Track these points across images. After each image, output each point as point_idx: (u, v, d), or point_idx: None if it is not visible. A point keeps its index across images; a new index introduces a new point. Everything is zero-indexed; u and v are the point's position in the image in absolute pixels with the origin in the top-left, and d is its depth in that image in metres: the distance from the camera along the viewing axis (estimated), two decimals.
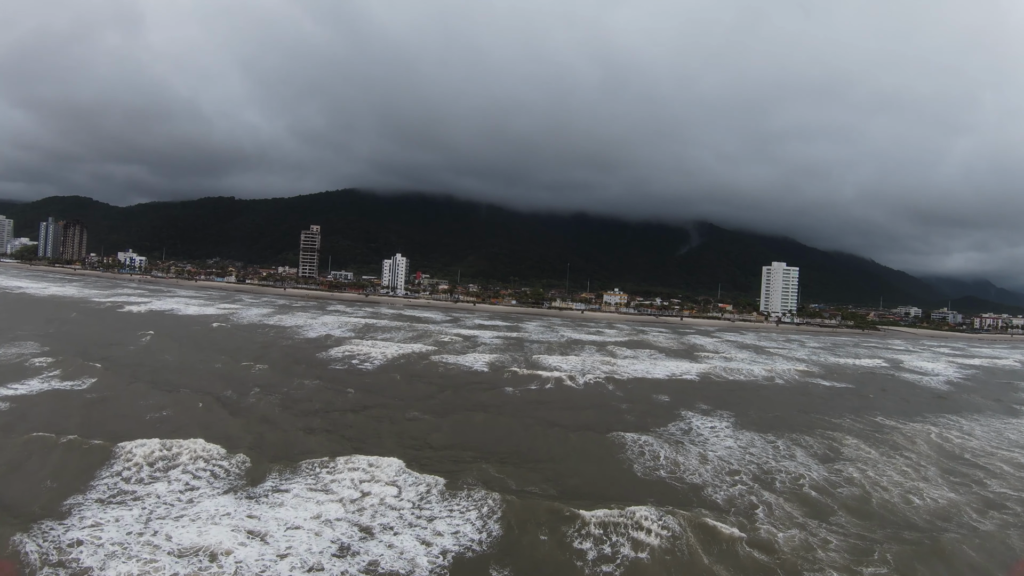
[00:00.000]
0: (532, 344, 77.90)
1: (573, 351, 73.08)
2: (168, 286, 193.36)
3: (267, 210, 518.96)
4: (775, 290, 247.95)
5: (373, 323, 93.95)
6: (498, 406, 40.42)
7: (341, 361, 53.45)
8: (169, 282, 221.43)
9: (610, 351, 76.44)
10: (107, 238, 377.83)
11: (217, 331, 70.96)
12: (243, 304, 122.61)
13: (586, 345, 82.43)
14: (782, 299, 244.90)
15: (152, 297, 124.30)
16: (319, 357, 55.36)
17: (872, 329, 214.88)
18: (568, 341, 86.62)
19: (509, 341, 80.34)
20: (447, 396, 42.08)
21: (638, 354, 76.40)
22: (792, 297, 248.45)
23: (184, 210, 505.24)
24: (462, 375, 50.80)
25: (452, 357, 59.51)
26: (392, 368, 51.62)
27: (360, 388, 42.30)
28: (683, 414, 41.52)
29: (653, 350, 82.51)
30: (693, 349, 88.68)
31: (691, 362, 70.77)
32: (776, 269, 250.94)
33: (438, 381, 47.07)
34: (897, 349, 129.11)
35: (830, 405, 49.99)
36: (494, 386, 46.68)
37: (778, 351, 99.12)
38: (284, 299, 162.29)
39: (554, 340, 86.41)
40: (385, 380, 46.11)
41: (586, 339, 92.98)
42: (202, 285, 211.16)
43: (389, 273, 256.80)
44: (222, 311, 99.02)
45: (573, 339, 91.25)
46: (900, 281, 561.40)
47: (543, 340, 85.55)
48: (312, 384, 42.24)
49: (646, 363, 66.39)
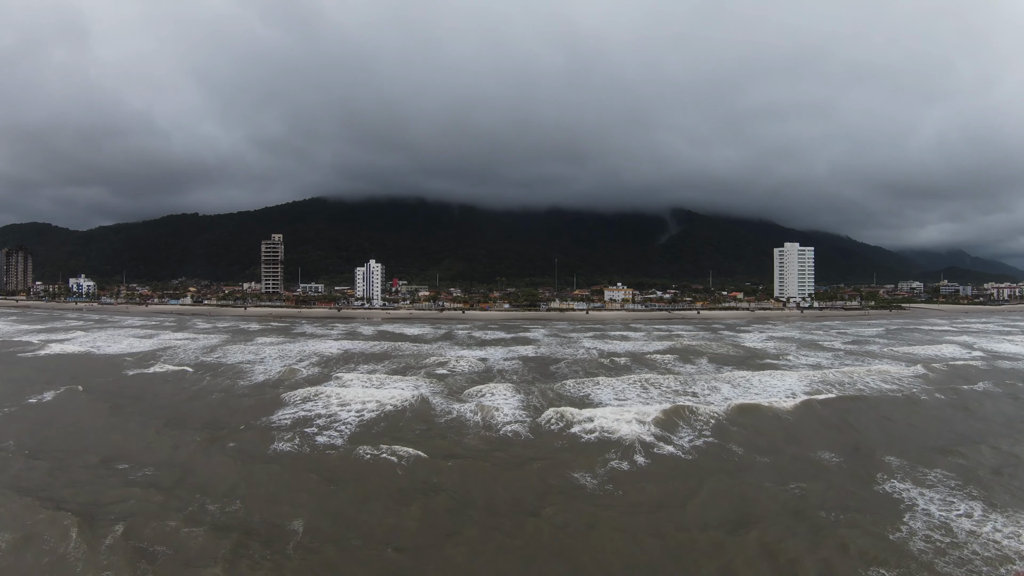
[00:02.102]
0: (559, 366, 57.81)
1: (617, 372, 53.30)
2: (115, 313, 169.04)
3: (232, 225, 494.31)
4: (790, 273, 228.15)
5: (347, 348, 72.89)
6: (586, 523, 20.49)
7: (293, 428, 32.73)
8: (118, 309, 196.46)
9: (664, 366, 56.84)
10: (66, 264, 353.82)
11: (129, 382, 49.49)
12: (191, 332, 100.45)
13: (624, 359, 62.66)
14: (798, 283, 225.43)
15: (83, 331, 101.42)
16: (259, 423, 34.50)
17: (897, 308, 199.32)
18: (599, 355, 66.57)
19: (526, 362, 60.15)
20: (481, 521, 21.40)
21: (700, 367, 56.96)
22: (809, 280, 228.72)
23: (146, 230, 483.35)
24: (493, 446, 30.55)
25: (465, 405, 39.00)
26: (374, 435, 31.18)
27: (317, 505, 22.02)
28: (897, 490, 22.90)
29: (713, 360, 63.08)
30: (754, 354, 69.52)
31: (776, 373, 51.65)
32: (790, 251, 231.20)
33: (457, 470, 26.61)
34: (951, 329, 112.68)
35: None
36: (552, 466, 26.72)
37: (842, 345, 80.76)
38: (244, 320, 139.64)
39: (582, 355, 66.25)
40: (363, 476, 25.68)
41: (618, 349, 73.05)
42: (154, 310, 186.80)
43: (363, 282, 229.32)
44: (159, 345, 77.17)
45: (603, 351, 71.22)
46: (878, 256, 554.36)
47: (567, 357, 65.50)
48: (219, 507, 21.45)
49: (724, 384, 47.02)
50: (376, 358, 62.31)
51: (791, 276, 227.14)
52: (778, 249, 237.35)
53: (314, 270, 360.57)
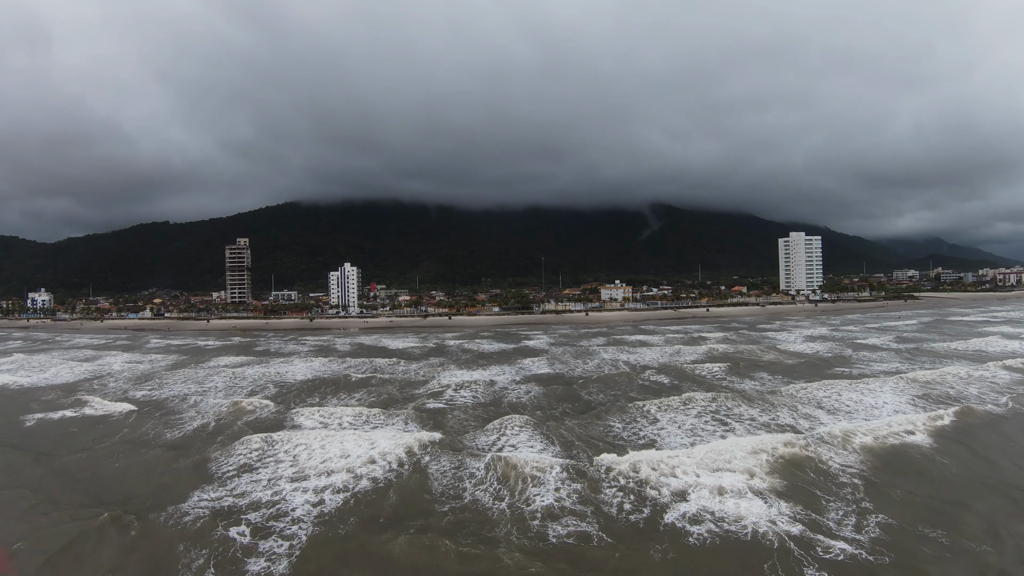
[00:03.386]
0: (586, 389, 44.87)
1: (663, 393, 40.65)
2: (67, 331, 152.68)
3: (204, 232, 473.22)
4: (796, 264, 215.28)
5: (316, 371, 59.07)
6: None
7: (207, 535, 19.38)
8: (72, 325, 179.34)
9: (717, 383, 44.21)
10: (32, 278, 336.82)
11: (23, 433, 35.73)
12: (138, 353, 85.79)
13: (661, 374, 50.10)
14: (806, 275, 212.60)
15: (25, 352, 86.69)
16: (158, 520, 21.31)
17: (911, 298, 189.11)
18: (629, 369, 53.68)
19: (543, 384, 46.93)
20: None
21: (760, 381, 44.34)
22: (817, 272, 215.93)
23: (115, 240, 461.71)
24: (542, 560, 17.71)
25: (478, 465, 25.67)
26: (339, 549, 18.26)
27: None
28: None
29: (769, 371, 50.79)
30: (810, 361, 57.48)
31: (858, 386, 39.63)
32: (796, 241, 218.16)
33: None
34: (984, 319, 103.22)
35: None
36: None
37: (894, 344, 69.48)
38: (204, 335, 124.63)
39: (608, 371, 53.23)
40: None
41: (647, 360, 60.21)
42: (110, 325, 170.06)
43: (337, 288, 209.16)
44: (92, 371, 62.80)
45: (630, 363, 58.29)
46: (858, 247, 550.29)
47: (590, 373, 52.65)
48: None
49: (811, 407, 34.80)
50: (351, 386, 48.87)
51: (798, 268, 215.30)
52: (783, 239, 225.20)
53: (288, 277, 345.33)
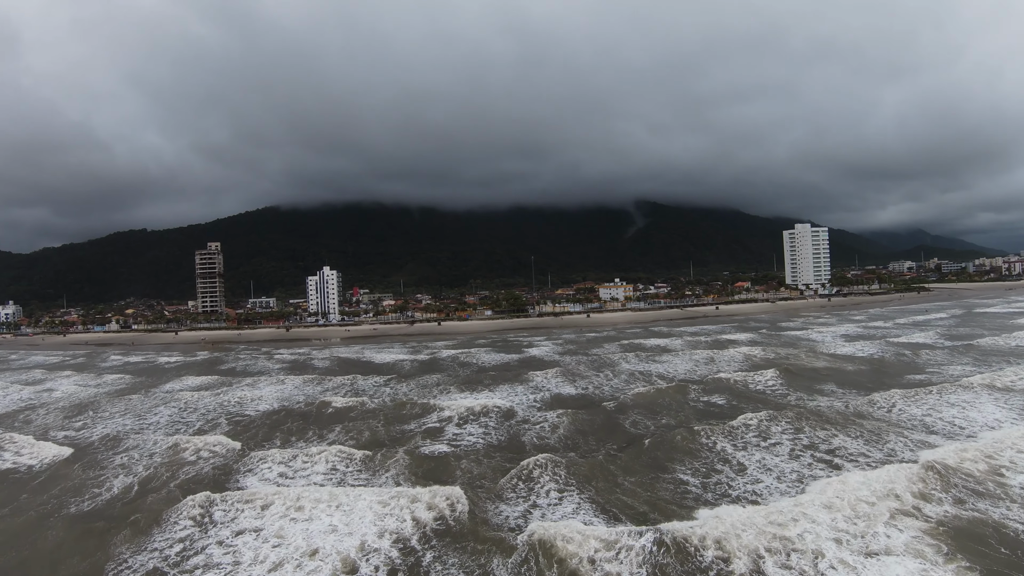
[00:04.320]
0: (625, 415, 35.10)
1: (719, 417, 30.76)
2: (24, 347, 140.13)
3: (183, 239, 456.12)
4: (803, 258, 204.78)
5: (285, 397, 48.17)
6: None
7: None
8: (32, 340, 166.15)
9: (780, 400, 34.40)
10: (7, 289, 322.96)
11: None
12: (91, 373, 74.32)
13: (709, 392, 40.43)
14: (814, 268, 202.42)
15: None
16: None
17: (923, 290, 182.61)
18: (664, 384, 43.74)
19: (569, 409, 36.71)
20: None
21: (829, 394, 34.77)
22: (825, 265, 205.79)
23: (92, 249, 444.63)
24: None
25: None
26: None
27: None
28: None
29: (833, 381, 41.25)
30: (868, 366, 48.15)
31: (948, 398, 30.35)
32: (802, 232, 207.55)
33: None
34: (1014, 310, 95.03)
35: None
36: None
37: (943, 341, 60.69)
38: (168, 350, 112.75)
39: (641, 388, 42.85)
40: None
41: (681, 371, 50.32)
42: (73, 340, 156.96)
43: (316, 294, 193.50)
44: (28, 399, 51.54)
45: (662, 376, 48.10)
46: (843, 239, 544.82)
47: (621, 392, 42.69)
48: None
49: (917, 431, 25.38)
50: (326, 419, 38.56)
51: (804, 261, 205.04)
52: (788, 232, 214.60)
53: (268, 283, 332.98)
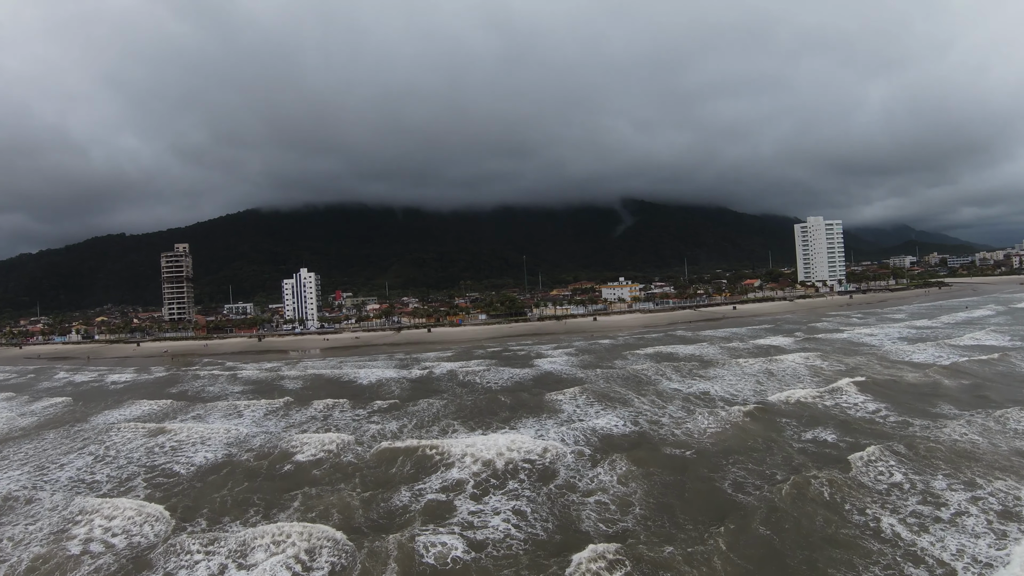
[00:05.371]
0: (717, 465, 23.25)
1: (861, 470, 19.50)
2: None
3: (161, 244, 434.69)
4: (817, 253, 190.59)
5: (235, 444, 35.95)
6: None
7: None
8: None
9: (909, 433, 23.43)
10: None
11: None
12: (21, 399, 61.66)
13: (814, 425, 28.83)
14: (828, 263, 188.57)
15: None
16: None
17: (943, 285, 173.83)
18: (747, 417, 31.94)
19: (627, 458, 25.03)
20: None
21: (1001, 436, 23.92)
22: (839, 260, 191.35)
23: (69, 255, 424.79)
24: None
25: None
26: None
27: None
28: None
29: (966, 407, 30.04)
30: (983, 383, 37.04)
31: None
32: (815, 226, 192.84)
33: None
34: None
35: None
36: None
37: (1017, 344, 50.23)
38: (122, 365, 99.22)
39: (711, 422, 30.92)
40: None
41: (746, 392, 38.49)
42: (29, 352, 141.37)
43: (293, 299, 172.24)
44: None
45: (728, 398, 36.29)
46: None
47: (693, 432, 31.02)
48: None
49: None
50: (282, 482, 26.44)
51: (819, 256, 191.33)
52: (799, 225, 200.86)
53: (249, 287, 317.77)
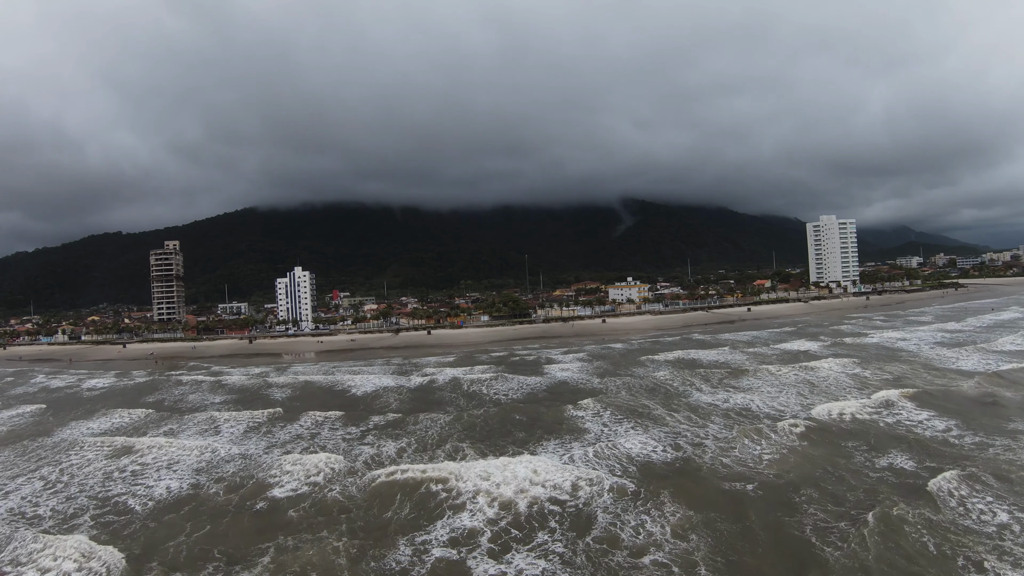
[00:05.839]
0: (788, 501, 17.82)
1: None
2: None
3: (159, 242, 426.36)
4: (830, 253, 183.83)
5: (204, 472, 30.26)
6: None
7: None
8: None
9: (995, 464, 17.99)
10: None
11: None
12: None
13: (881, 450, 23.20)
14: (842, 263, 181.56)
15: None
16: None
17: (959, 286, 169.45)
18: (813, 440, 25.84)
19: (678, 501, 19.60)
20: None
21: None
22: (853, 260, 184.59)
23: (65, 253, 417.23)
24: None
25: None
26: None
27: None
28: None
29: None
30: None
31: None
32: (828, 225, 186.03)
33: None
34: None
35: None
36: None
37: None
38: (103, 368, 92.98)
39: (764, 448, 25.46)
40: None
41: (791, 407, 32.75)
42: (10, 354, 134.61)
43: (286, 298, 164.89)
44: None
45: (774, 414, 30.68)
46: None
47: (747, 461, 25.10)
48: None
49: None
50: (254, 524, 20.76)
51: (831, 256, 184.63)
52: (812, 224, 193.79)
53: (246, 286, 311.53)
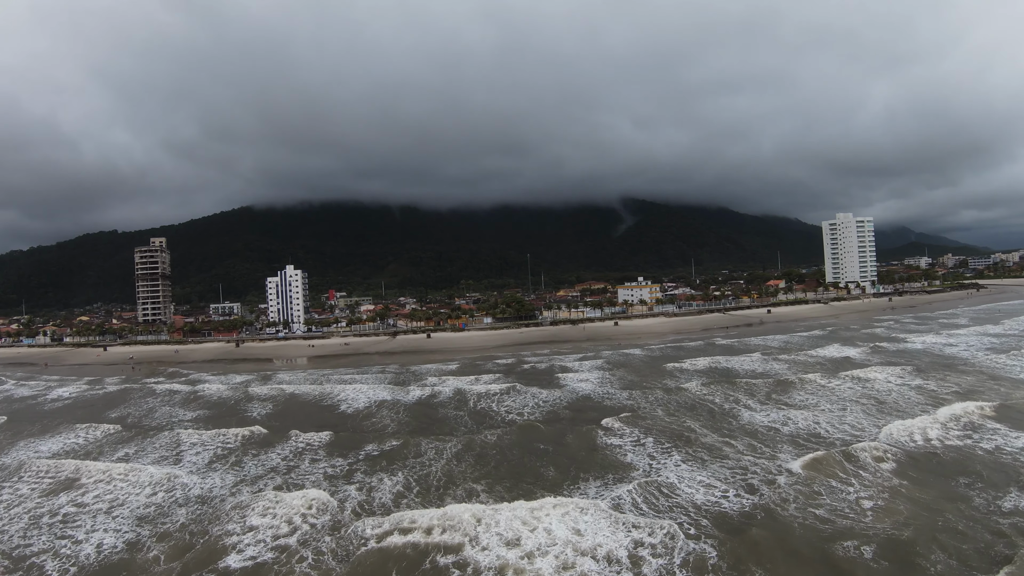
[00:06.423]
0: None
1: None
2: None
3: None
4: (847, 252, 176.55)
5: (140, 527, 23.76)
6: None
7: None
8: None
9: None
10: None
11: None
12: None
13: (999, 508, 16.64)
14: (859, 263, 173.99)
15: None
16: None
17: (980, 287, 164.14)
18: (920, 485, 19.69)
19: None
20: None
21: None
22: (871, 259, 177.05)
23: (60, 252, 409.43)
24: None
25: None
26: None
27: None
28: None
29: None
30: None
31: None
32: (845, 223, 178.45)
33: None
34: None
35: None
36: None
37: None
38: (78, 374, 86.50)
39: (887, 504, 18.99)
40: None
41: (857, 427, 26.64)
42: None
43: (277, 298, 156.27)
44: None
45: (846, 438, 24.43)
46: None
47: (852, 519, 18.83)
48: None
49: None
50: None
51: (849, 255, 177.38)
52: (828, 222, 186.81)
53: (241, 286, 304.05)
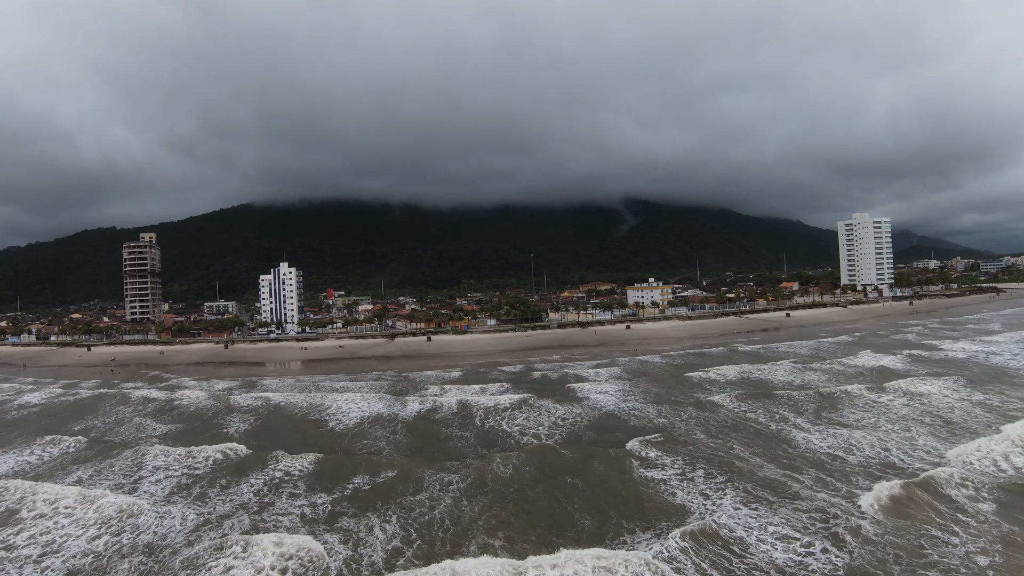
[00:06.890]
0: None
1: None
2: None
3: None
4: (863, 253, 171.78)
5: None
6: None
7: None
8: None
9: None
10: None
11: None
12: None
13: None
14: (876, 265, 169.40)
15: None
16: None
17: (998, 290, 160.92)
18: None
19: None
20: None
21: None
22: (888, 261, 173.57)
23: (57, 249, 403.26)
24: None
25: None
26: None
27: None
28: None
29: None
30: None
31: None
32: (861, 224, 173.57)
33: None
34: None
35: None
36: None
37: None
38: (56, 376, 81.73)
39: (1010, 561, 14.39)
40: None
41: (958, 462, 21.77)
42: None
43: (270, 297, 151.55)
44: None
45: (923, 465, 19.75)
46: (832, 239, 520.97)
47: None
48: None
49: None
50: None
51: (865, 257, 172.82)
52: (843, 223, 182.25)
53: (239, 284, 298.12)
